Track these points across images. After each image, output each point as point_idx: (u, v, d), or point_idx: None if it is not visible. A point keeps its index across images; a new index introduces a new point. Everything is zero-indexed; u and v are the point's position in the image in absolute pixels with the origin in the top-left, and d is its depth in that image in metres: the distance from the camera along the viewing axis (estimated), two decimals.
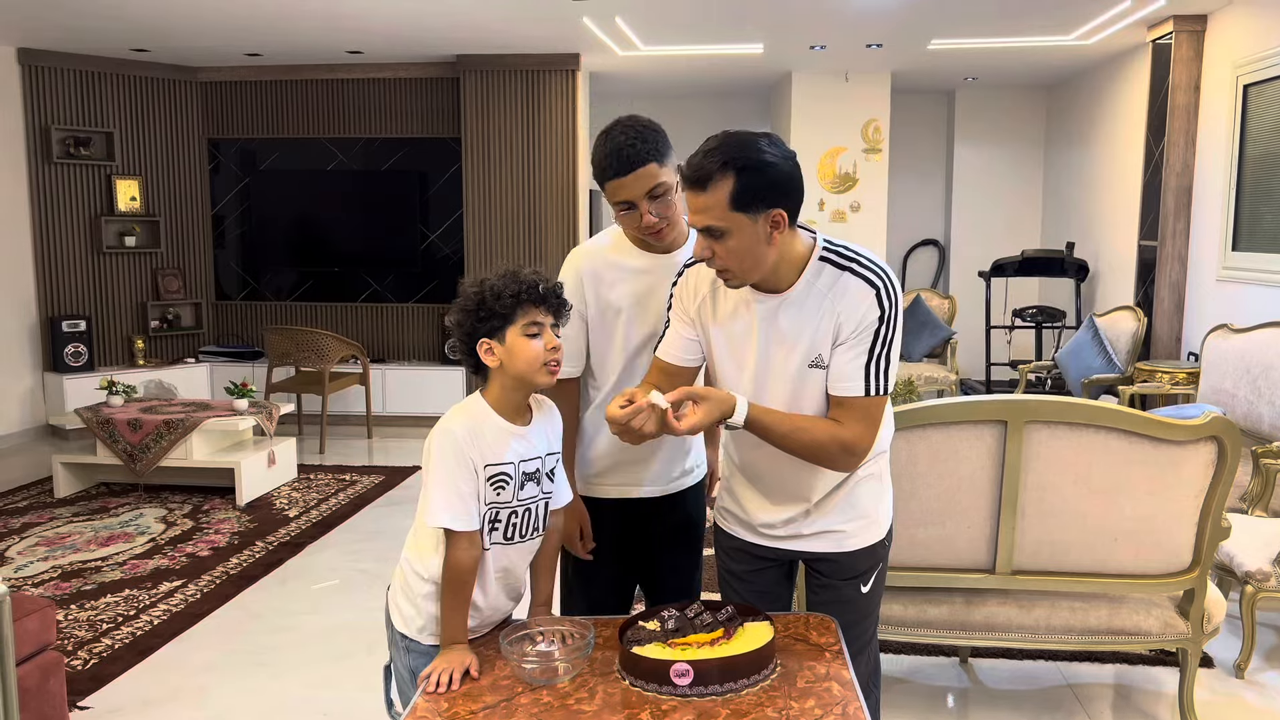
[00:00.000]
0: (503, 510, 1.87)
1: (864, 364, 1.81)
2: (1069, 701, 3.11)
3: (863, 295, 1.81)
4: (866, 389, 1.81)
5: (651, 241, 2.14)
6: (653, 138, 2.03)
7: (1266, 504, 3.69)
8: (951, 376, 7.10)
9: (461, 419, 1.85)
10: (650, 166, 2.00)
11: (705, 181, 1.74)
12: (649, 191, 2.02)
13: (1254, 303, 5.14)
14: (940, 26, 6.16)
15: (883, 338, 1.81)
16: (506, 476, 1.85)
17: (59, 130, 6.94)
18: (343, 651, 3.54)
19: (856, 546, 2.01)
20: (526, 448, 1.89)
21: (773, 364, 1.89)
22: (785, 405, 1.88)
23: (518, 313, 1.82)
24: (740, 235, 1.75)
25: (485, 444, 1.84)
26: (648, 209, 2.04)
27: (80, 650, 3.52)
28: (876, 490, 2.02)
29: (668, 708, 1.61)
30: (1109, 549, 2.69)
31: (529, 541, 1.94)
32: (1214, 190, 5.62)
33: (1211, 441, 2.60)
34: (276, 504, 5.36)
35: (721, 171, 1.72)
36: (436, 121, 7.57)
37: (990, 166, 8.76)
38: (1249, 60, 5.22)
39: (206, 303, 7.85)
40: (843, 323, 1.82)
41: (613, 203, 2.08)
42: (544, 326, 1.84)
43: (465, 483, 1.81)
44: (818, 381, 1.87)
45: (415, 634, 1.92)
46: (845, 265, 1.84)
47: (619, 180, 2.02)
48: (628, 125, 2.04)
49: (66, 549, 4.62)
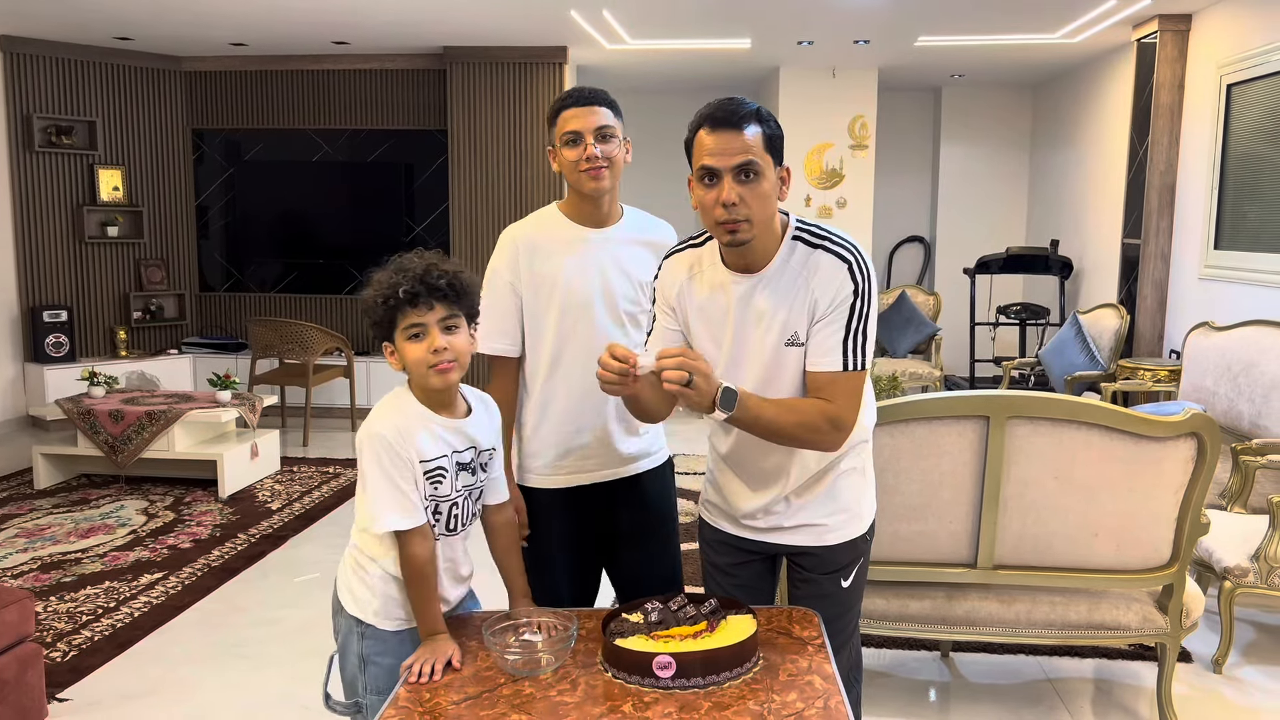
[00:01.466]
0: (443, 504, 1.86)
1: (841, 338, 1.84)
2: (1049, 696, 3.13)
3: (835, 270, 1.84)
4: (845, 363, 1.84)
5: (587, 185, 2.15)
6: (612, 99, 2.19)
7: (1245, 501, 3.72)
8: (936, 373, 7.13)
9: (389, 418, 1.81)
10: (605, 110, 2.15)
11: (744, 122, 1.79)
12: (598, 129, 2.13)
13: (1235, 301, 5.18)
14: (927, 23, 6.17)
15: (858, 312, 1.84)
16: (442, 470, 1.83)
17: (41, 119, 6.88)
18: (325, 644, 3.52)
19: (837, 540, 2.02)
20: (459, 440, 1.87)
21: (749, 343, 1.91)
22: (759, 384, 1.90)
23: (397, 317, 1.78)
24: (767, 179, 1.82)
25: (415, 442, 1.80)
26: (591, 142, 2.12)
27: (59, 642, 3.50)
28: (858, 484, 2.03)
29: (650, 700, 1.61)
30: (1089, 544, 2.71)
31: (463, 532, 1.94)
32: (1197, 189, 5.66)
33: (1191, 438, 2.62)
34: (259, 496, 5.34)
35: (755, 118, 1.81)
36: (423, 113, 7.54)
37: (976, 164, 8.79)
38: (1233, 60, 5.25)
39: (190, 294, 7.80)
40: (818, 298, 1.85)
41: (560, 135, 2.15)
42: (427, 327, 1.77)
43: (404, 480, 1.78)
44: (793, 360, 1.89)
45: (371, 618, 1.88)
46: (817, 243, 1.88)
47: (574, 109, 2.14)
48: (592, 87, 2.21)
49: (46, 540, 4.59)
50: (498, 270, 2.24)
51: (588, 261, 2.21)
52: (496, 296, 2.23)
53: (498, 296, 2.23)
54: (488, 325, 2.23)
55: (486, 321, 2.22)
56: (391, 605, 1.88)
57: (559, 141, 2.16)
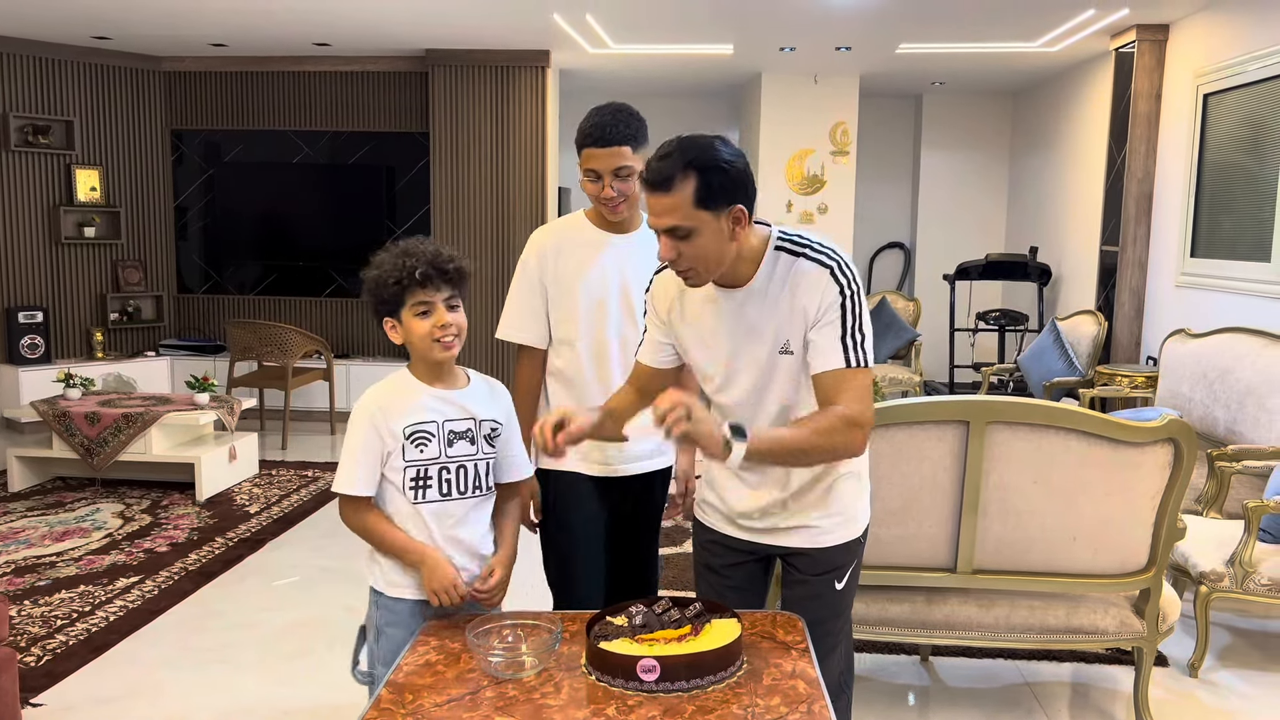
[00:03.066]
0: (430, 466, 1.96)
1: (839, 337, 1.85)
2: (1027, 699, 3.15)
3: (818, 276, 1.86)
4: (847, 360, 1.84)
5: (607, 214, 2.34)
6: (635, 125, 2.25)
7: (1221, 506, 3.76)
8: (915, 378, 7.17)
9: (376, 391, 1.99)
10: (624, 149, 2.23)
11: (668, 183, 1.77)
12: (615, 169, 2.24)
13: (1211, 308, 5.24)
14: (909, 30, 6.21)
15: (850, 311, 1.85)
16: (427, 434, 1.95)
17: (17, 118, 6.81)
18: (303, 648, 3.51)
19: (833, 543, 2.02)
20: (454, 409, 2.00)
21: (743, 353, 1.93)
22: (755, 392, 1.94)
23: (405, 296, 1.93)
24: (705, 233, 1.79)
25: (400, 407, 1.96)
26: (610, 182, 2.25)
27: (34, 647, 3.46)
28: (856, 488, 2.04)
29: (634, 703, 1.61)
30: (1068, 549, 2.73)
31: (472, 498, 2.01)
32: (1174, 197, 5.72)
33: (1168, 444, 2.64)
34: (237, 500, 5.30)
35: (683, 172, 1.76)
36: (405, 116, 7.51)
37: (956, 171, 8.85)
38: (1209, 70, 5.32)
39: (168, 295, 7.73)
40: (807, 306, 1.86)
41: (583, 169, 2.27)
42: (434, 304, 1.94)
43: (365, 452, 1.95)
44: (787, 367, 1.91)
45: (383, 586, 2.01)
46: (798, 252, 1.89)
47: (593, 150, 2.24)
48: (618, 108, 2.27)
49: (20, 544, 4.54)
50: (528, 265, 2.39)
51: (608, 263, 2.36)
52: (524, 289, 2.40)
53: (525, 292, 2.40)
54: (514, 316, 2.41)
55: (513, 312, 2.42)
56: (393, 572, 1.99)
57: (582, 171, 2.28)
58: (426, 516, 1.97)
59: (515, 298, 2.42)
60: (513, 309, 2.42)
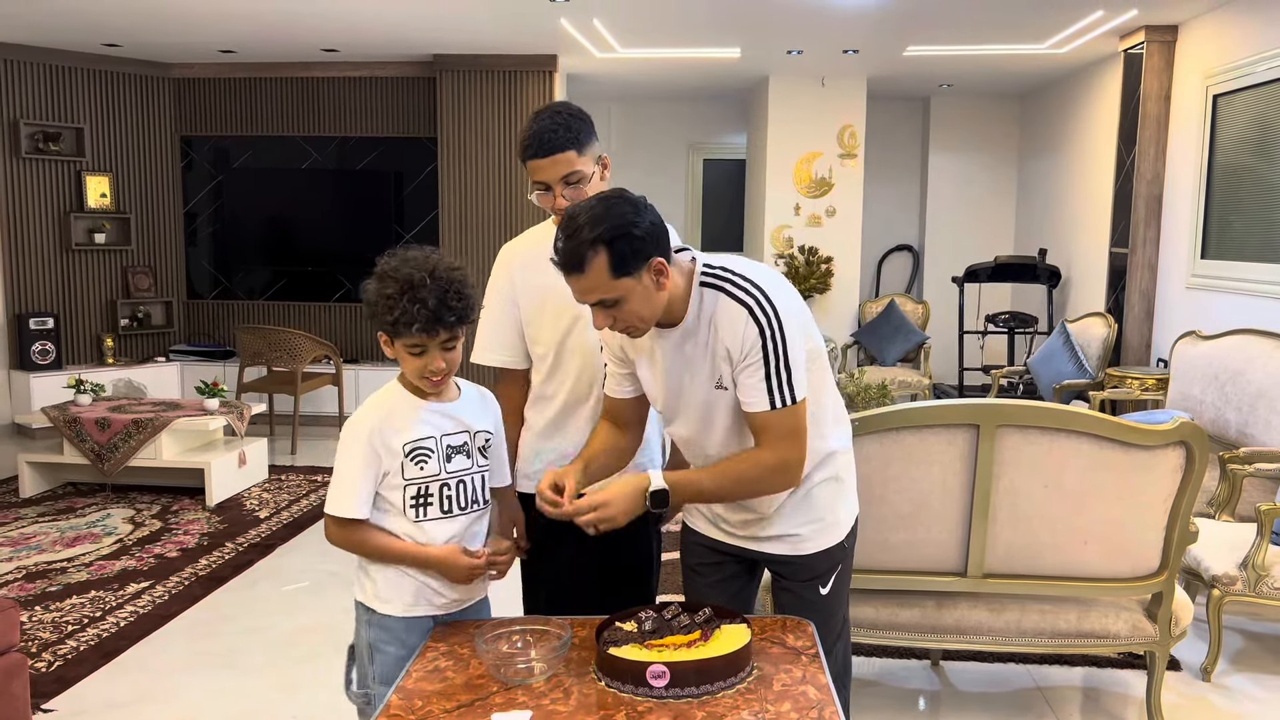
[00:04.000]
0: (431, 484, 1.90)
1: (762, 378, 1.83)
2: (1039, 704, 3.13)
3: (737, 317, 1.84)
4: (771, 403, 1.83)
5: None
6: (576, 125, 2.10)
7: (1233, 509, 3.74)
8: (924, 381, 7.15)
9: (371, 409, 1.91)
10: (568, 154, 2.08)
11: (581, 265, 1.77)
12: (564, 177, 2.09)
13: (1222, 310, 5.21)
14: (916, 33, 6.21)
15: (772, 352, 1.82)
16: (427, 451, 1.89)
17: (28, 125, 6.84)
18: (313, 653, 3.51)
19: (813, 550, 2.03)
20: (450, 423, 1.93)
21: (684, 389, 1.95)
22: (699, 425, 1.96)
23: (402, 333, 1.84)
24: (632, 297, 1.80)
25: (398, 424, 1.89)
26: (560, 192, 2.11)
27: (45, 652, 3.47)
28: (834, 492, 2.04)
29: (643, 709, 1.61)
30: (1079, 552, 2.72)
31: (472, 514, 1.97)
32: (1184, 199, 5.70)
33: (1180, 447, 2.63)
34: (247, 505, 5.31)
35: (592, 249, 1.75)
36: (412, 121, 7.53)
37: (964, 173, 8.83)
38: (1219, 71, 5.30)
39: (178, 301, 7.76)
40: (730, 347, 1.86)
41: (531, 181, 2.16)
42: (427, 349, 1.85)
43: (365, 472, 1.87)
44: (725, 400, 1.92)
45: (375, 603, 1.94)
46: (720, 287, 1.87)
47: (536, 161, 2.09)
48: (555, 111, 2.12)
49: (31, 549, 4.55)
50: (497, 287, 2.28)
51: None
52: (496, 311, 2.28)
53: (497, 311, 2.28)
54: (487, 338, 2.29)
55: (486, 335, 2.29)
56: (387, 589, 1.92)
57: (531, 183, 2.17)
58: (428, 535, 1.91)
59: (488, 318, 2.29)
60: (486, 330, 2.30)
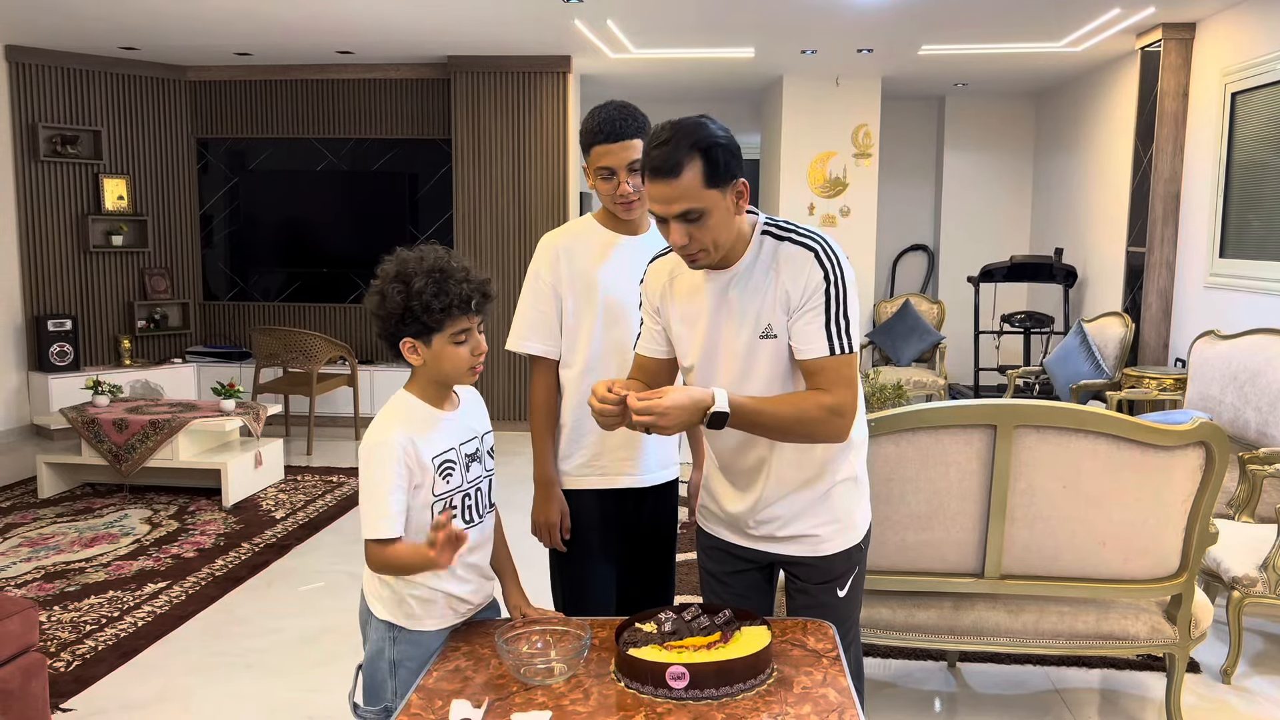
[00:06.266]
0: (456, 495, 1.88)
1: (823, 324, 1.83)
2: (1056, 706, 3.12)
3: (803, 260, 1.85)
4: (831, 348, 1.83)
5: (621, 214, 2.26)
6: (642, 119, 2.20)
7: (1253, 510, 3.71)
8: (940, 381, 7.12)
9: (397, 422, 1.82)
10: (637, 141, 2.17)
11: (677, 169, 1.76)
12: (630, 164, 2.17)
13: (1241, 309, 5.17)
14: (931, 32, 6.18)
15: (835, 296, 1.83)
16: (452, 462, 1.87)
17: (46, 128, 6.89)
18: (329, 654, 3.52)
19: (832, 551, 2.01)
20: (464, 431, 1.91)
21: (723, 338, 1.93)
22: (734, 380, 1.92)
23: (447, 322, 1.80)
24: (716, 212, 1.80)
25: (425, 439, 1.82)
26: (625, 178, 2.18)
27: (63, 652, 3.49)
28: (853, 493, 2.02)
29: (663, 710, 1.60)
30: (1097, 554, 2.70)
31: (486, 519, 1.96)
32: (1202, 197, 5.66)
33: (1199, 447, 2.61)
34: (263, 505, 5.33)
35: (689, 155, 1.77)
36: (427, 123, 7.55)
37: (979, 172, 8.79)
38: (1237, 68, 5.26)
39: (194, 303, 7.80)
40: (790, 290, 1.85)
41: (594, 168, 2.20)
42: (472, 331, 1.84)
43: (398, 489, 1.78)
44: (768, 354, 1.89)
45: (404, 620, 1.89)
46: (784, 236, 1.89)
47: (606, 146, 2.16)
48: (620, 105, 2.20)
49: (50, 550, 4.58)
50: (540, 274, 2.30)
51: (623, 265, 2.28)
52: (538, 299, 2.30)
53: (539, 299, 2.29)
54: (527, 326, 2.31)
55: (525, 322, 2.31)
56: (415, 605, 1.88)
57: (592, 172, 2.21)
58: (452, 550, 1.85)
59: (526, 306, 2.31)
60: (524, 319, 2.31)
